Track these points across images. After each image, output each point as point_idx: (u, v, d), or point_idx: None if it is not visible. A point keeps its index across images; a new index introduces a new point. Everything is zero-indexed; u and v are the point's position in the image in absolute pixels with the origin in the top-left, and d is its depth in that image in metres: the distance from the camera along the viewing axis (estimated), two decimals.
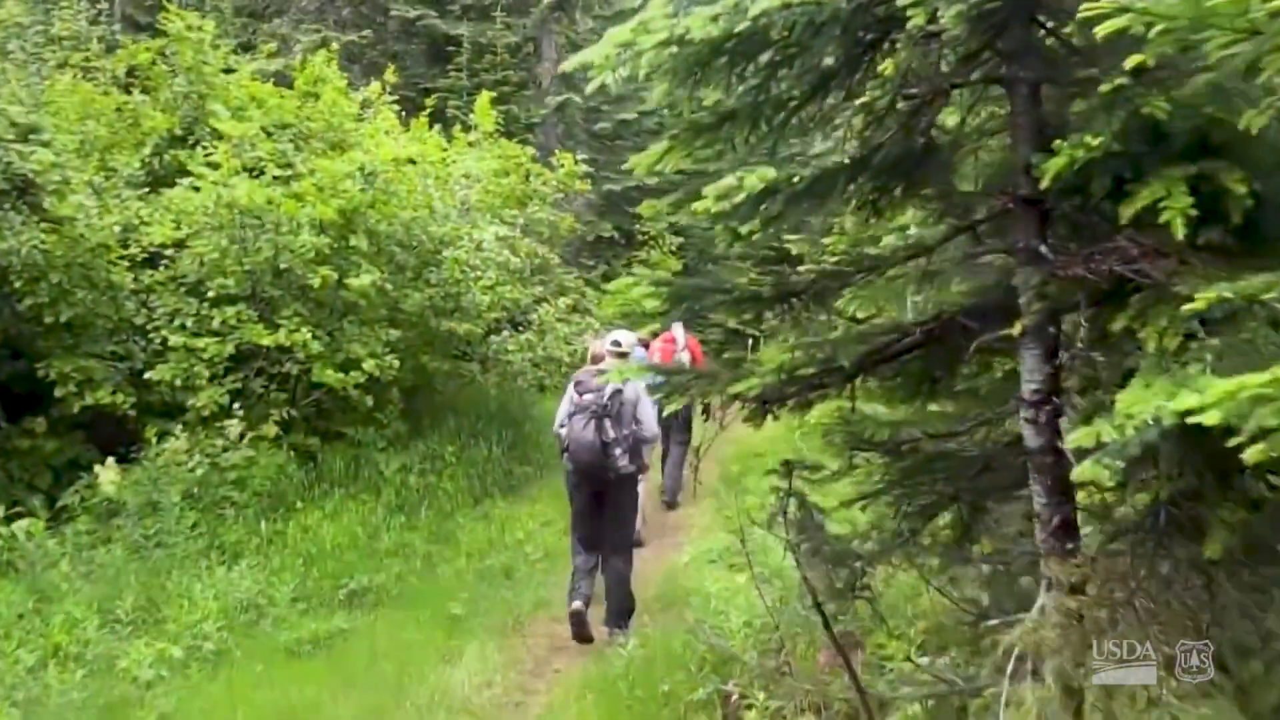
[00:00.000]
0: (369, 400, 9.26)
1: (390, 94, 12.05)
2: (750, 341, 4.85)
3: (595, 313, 13.50)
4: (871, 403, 4.15)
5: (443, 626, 6.93)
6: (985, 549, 4.10)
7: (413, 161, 10.46)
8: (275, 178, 9.26)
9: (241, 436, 8.34)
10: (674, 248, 17.41)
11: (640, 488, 7.56)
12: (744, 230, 3.28)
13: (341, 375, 8.89)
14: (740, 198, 3.03)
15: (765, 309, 3.75)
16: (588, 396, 6.58)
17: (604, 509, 6.73)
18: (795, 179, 3.14)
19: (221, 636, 6.45)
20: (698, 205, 3.09)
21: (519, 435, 11.27)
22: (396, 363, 9.25)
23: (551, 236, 12.22)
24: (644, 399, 6.69)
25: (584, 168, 12.35)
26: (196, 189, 8.86)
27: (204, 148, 9.59)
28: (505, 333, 11.33)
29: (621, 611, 6.64)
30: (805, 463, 4.03)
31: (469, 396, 11.60)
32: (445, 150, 11.58)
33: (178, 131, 10.39)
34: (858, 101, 3.28)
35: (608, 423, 6.49)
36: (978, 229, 3.43)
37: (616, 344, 7.51)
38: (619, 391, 6.57)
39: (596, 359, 7.53)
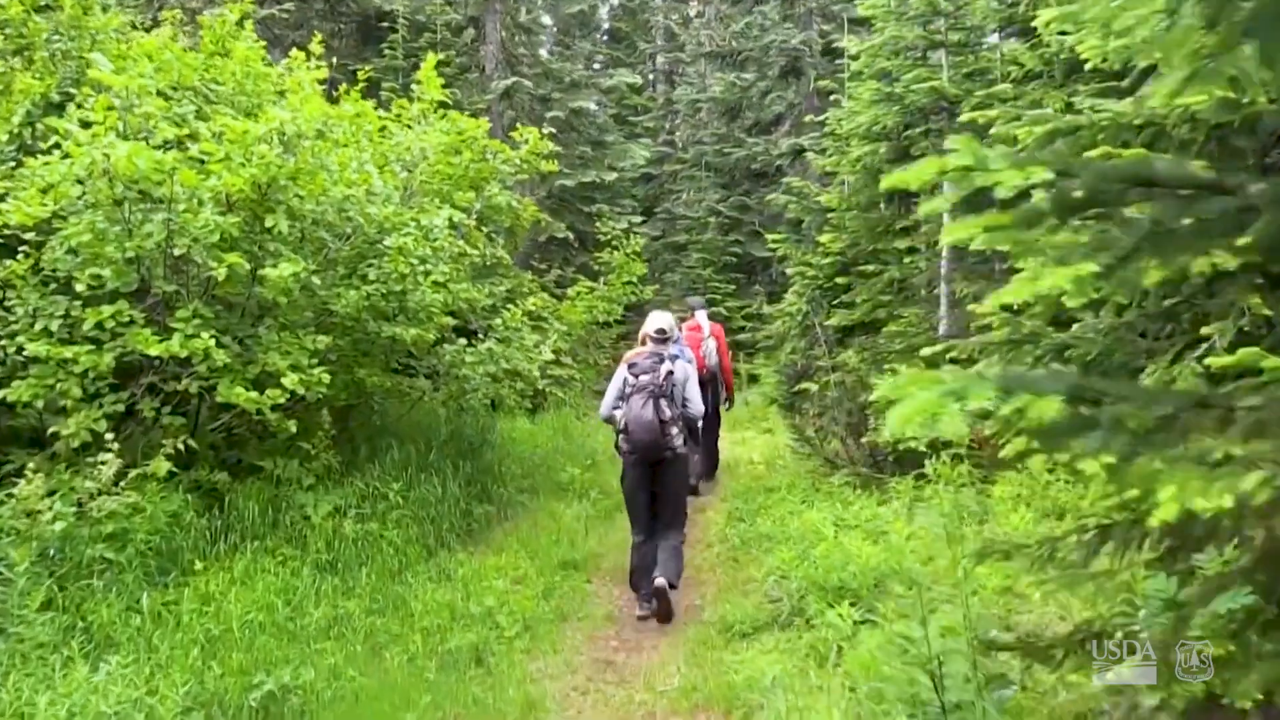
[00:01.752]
0: (291, 425, 7.21)
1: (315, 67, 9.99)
2: None
3: (551, 322, 11.52)
4: None
5: None
6: None
7: (347, 127, 8.47)
8: (169, 142, 7.20)
9: (120, 476, 6.27)
10: (637, 249, 15.56)
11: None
12: None
13: (255, 394, 6.84)
14: None
15: None
16: (644, 377, 6.98)
17: (658, 487, 7.09)
18: None
19: None
20: None
21: (478, 466, 9.28)
22: (326, 377, 7.22)
23: (514, 228, 10.25)
24: (692, 379, 7.26)
25: (550, 145, 10.43)
26: (67, 156, 6.78)
27: (79, 106, 7.49)
28: (461, 341, 9.32)
29: (676, 572, 6.99)
30: None
31: (416, 419, 9.59)
32: (384, 119, 9.55)
33: (55, 97, 8.27)
34: None
35: (664, 402, 6.90)
36: None
37: (661, 331, 7.40)
38: (671, 372, 7.03)
39: (642, 342, 7.86)
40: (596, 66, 22.27)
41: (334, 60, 10.21)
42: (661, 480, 7.06)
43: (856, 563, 6.46)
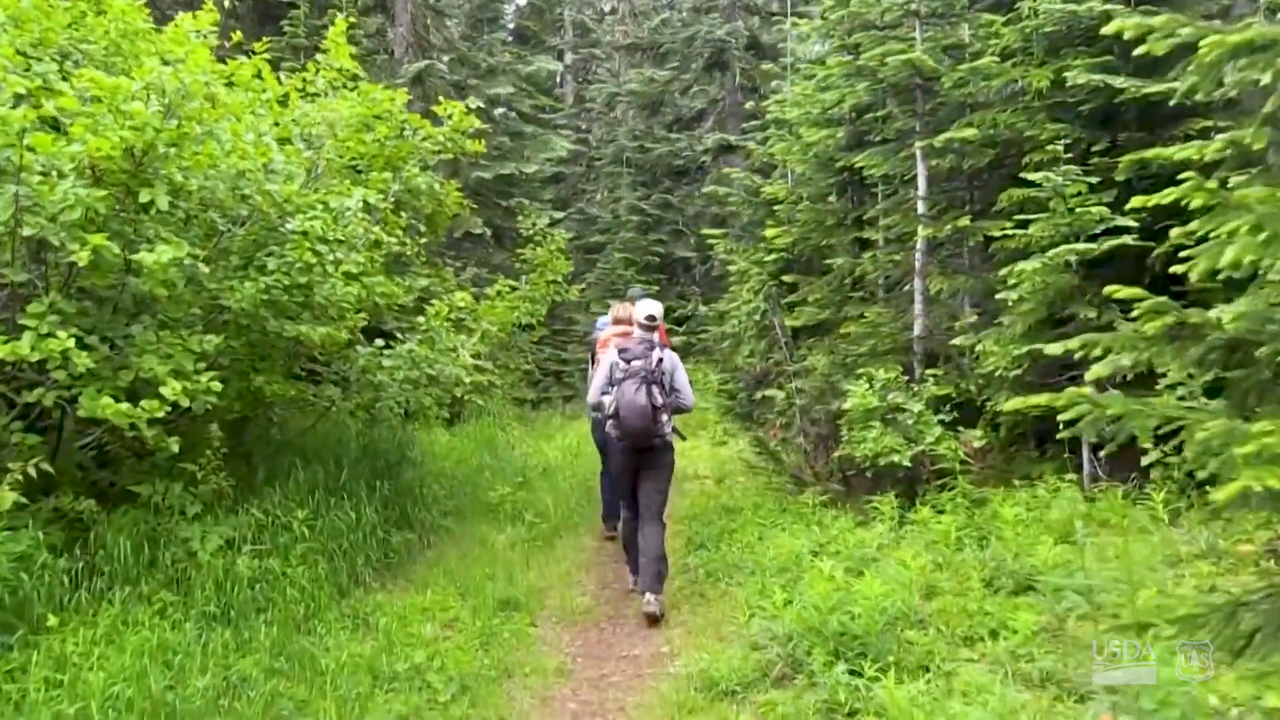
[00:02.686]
0: (173, 443, 5.94)
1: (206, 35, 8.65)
2: None
3: (478, 322, 10.30)
4: None
5: None
6: None
7: (244, 93, 7.23)
8: (20, 97, 5.89)
9: None
10: (561, 245, 14.44)
11: None
12: None
13: (127, 406, 5.58)
14: None
15: None
16: (636, 363, 6.90)
17: (645, 474, 7.01)
18: None
19: None
20: None
21: (396, 487, 8.06)
22: (216, 385, 5.97)
23: (435, 215, 9.02)
24: (679, 368, 7.11)
25: (476, 122, 9.23)
26: None
27: None
28: (378, 343, 8.08)
29: (659, 577, 6.83)
30: None
31: (325, 433, 8.34)
32: (287, 86, 8.27)
33: None
34: None
35: (656, 389, 6.83)
36: None
37: (651, 318, 7.15)
38: (662, 359, 6.96)
39: (621, 320, 8.02)
40: (507, 58, 21.01)
41: (230, 39, 8.88)
42: (649, 467, 7.01)
43: (859, 602, 5.44)
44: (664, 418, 6.86)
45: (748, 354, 10.12)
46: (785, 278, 11.13)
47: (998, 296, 7.71)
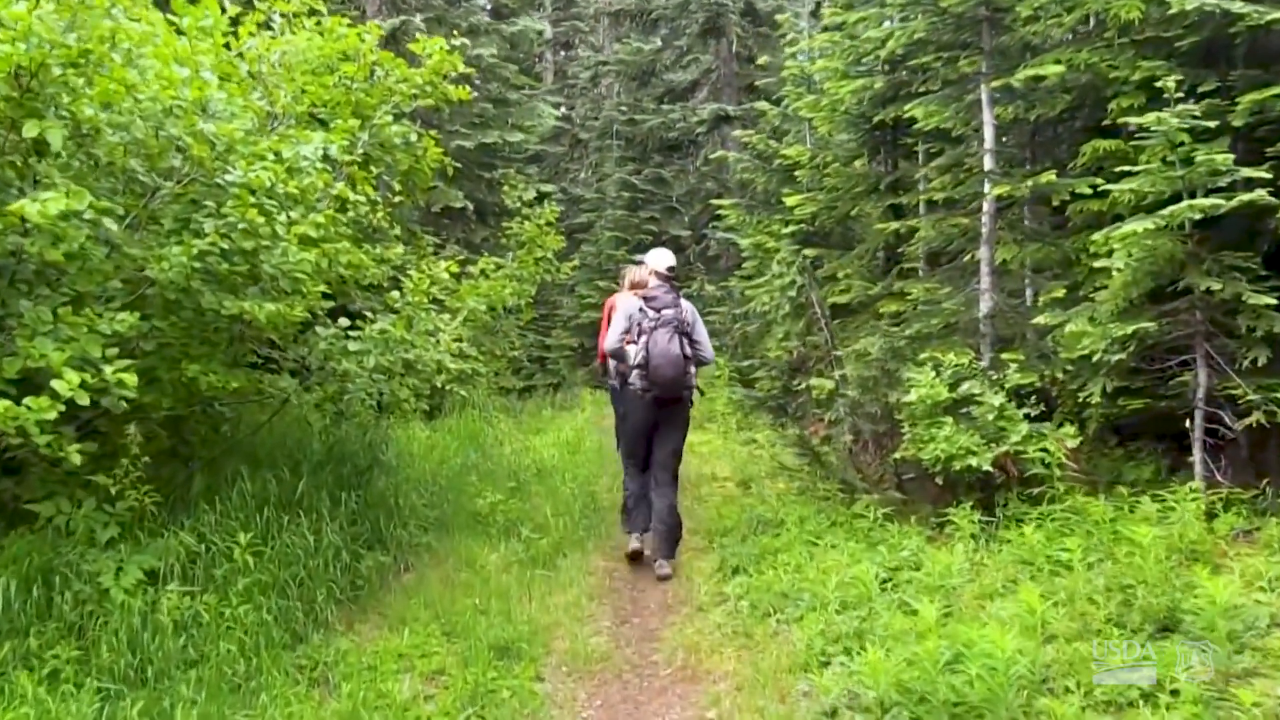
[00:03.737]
0: (74, 453, 4.56)
1: None
2: None
3: (464, 301, 8.88)
4: None
5: None
6: None
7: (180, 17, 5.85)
8: None
9: None
10: (551, 220, 13.09)
11: None
12: None
13: (7, 405, 4.21)
14: None
15: None
16: (667, 312, 6.70)
17: (663, 430, 6.86)
18: None
19: None
20: None
21: (367, 497, 6.68)
22: (131, 378, 4.61)
23: (412, 173, 7.59)
24: (699, 321, 6.92)
25: (460, 64, 7.78)
26: None
27: None
28: (343, 322, 6.66)
29: (673, 541, 6.76)
30: None
31: (283, 434, 6.96)
32: (229, 13, 6.83)
33: None
34: None
35: (686, 340, 6.68)
36: None
37: (672, 268, 7.04)
38: (685, 311, 6.80)
39: (638, 285, 7.60)
40: (488, 20, 19.50)
41: None
42: (669, 423, 6.88)
43: (970, 655, 4.13)
44: (692, 369, 6.76)
45: (781, 337, 8.76)
46: (806, 251, 9.79)
47: (1097, 264, 6.39)
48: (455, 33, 9.11)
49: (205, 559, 5.18)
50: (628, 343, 6.80)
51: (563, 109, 27.13)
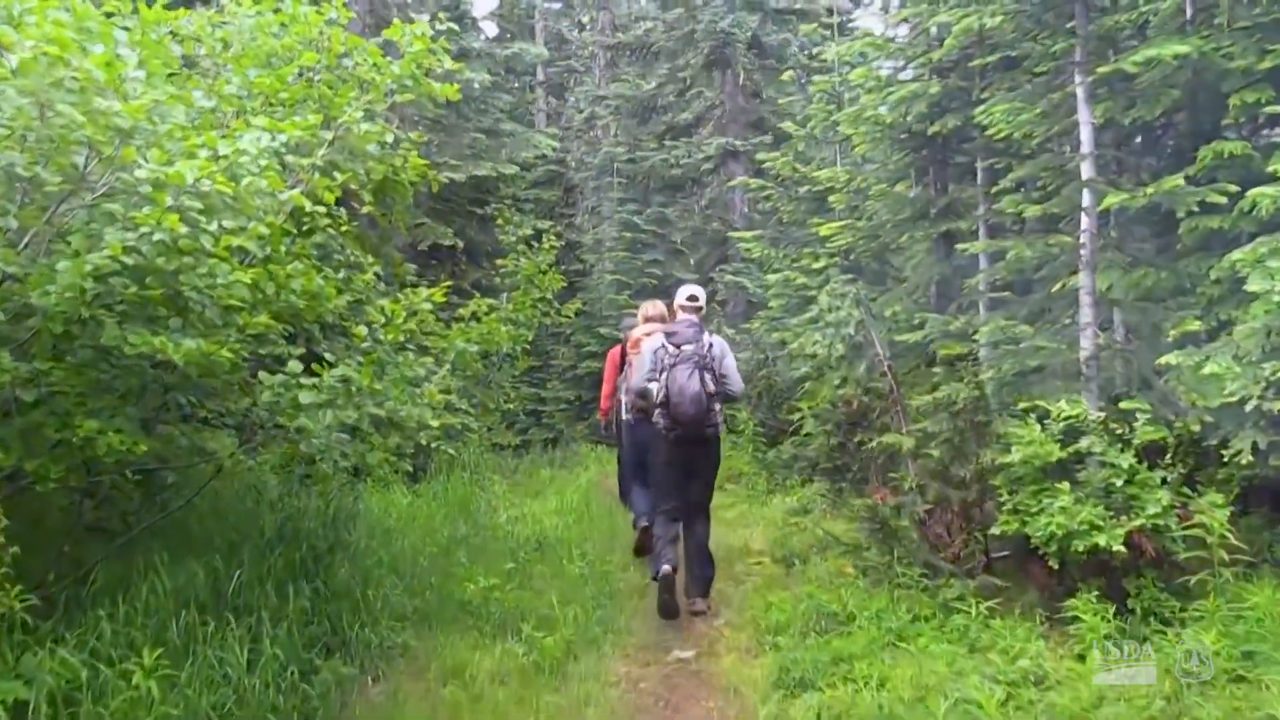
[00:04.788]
0: None
1: None
2: None
3: (432, 348, 7.47)
4: None
5: None
6: None
7: None
8: None
9: None
10: (551, 255, 11.82)
11: None
12: None
13: None
14: None
15: None
16: (688, 347, 6.41)
17: (692, 470, 6.53)
18: None
19: None
20: None
21: (328, 587, 5.28)
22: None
23: (388, 186, 6.23)
24: (729, 354, 6.58)
25: (448, 59, 6.45)
26: None
27: None
28: (293, 365, 5.28)
29: (705, 579, 6.44)
30: None
31: (225, 504, 5.57)
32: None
33: None
34: None
35: (708, 375, 6.34)
36: None
37: (693, 298, 6.74)
38: (712, 344, 6.47)
39: (653, 318, 7.52)
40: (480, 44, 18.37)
41: None
42: (698, 461, 6.52)
43: None
44: (716, 406, 6.44)
45: (837, 384, 7.37)
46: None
47: (1251, 287, 5.08)
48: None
49: (92, 690, 3.78)
50: (649, 380, 6.45)
51: (557, 152, 26.02)
